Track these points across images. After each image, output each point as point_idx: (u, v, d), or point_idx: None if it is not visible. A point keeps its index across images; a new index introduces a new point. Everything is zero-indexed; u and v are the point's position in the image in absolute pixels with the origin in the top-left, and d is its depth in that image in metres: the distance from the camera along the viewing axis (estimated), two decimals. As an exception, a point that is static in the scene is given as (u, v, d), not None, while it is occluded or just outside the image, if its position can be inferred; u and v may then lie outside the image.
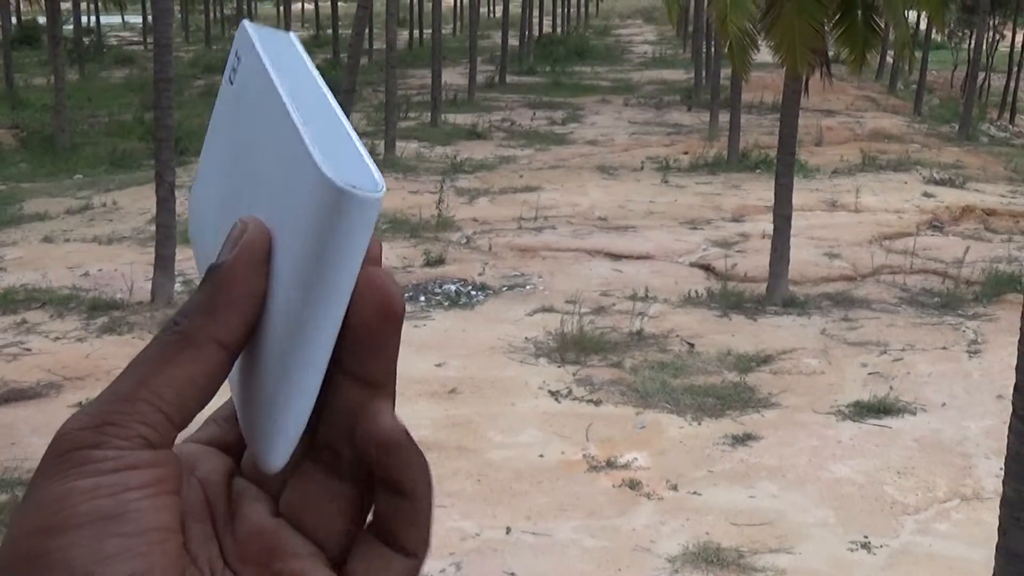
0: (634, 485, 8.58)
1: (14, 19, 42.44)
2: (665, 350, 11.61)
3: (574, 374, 10.90)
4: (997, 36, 36.97)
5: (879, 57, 33.76)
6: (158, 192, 12.94)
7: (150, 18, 30.86)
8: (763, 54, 15.47)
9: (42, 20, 38.32)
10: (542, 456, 9.08)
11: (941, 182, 20.26)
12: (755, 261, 14.37)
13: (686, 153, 22.83)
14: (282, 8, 56.69)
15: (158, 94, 13.06)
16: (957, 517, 8.24)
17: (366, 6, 18.80)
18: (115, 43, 50.64)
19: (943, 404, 10.25)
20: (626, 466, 8.92)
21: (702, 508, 8.27)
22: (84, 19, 46.45)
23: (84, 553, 0.44)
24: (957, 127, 27.82)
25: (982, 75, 32.07)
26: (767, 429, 9.66)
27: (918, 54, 25.01)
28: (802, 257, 14.17)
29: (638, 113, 29.90)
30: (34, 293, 13.13)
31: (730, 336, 12.01)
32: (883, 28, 15.27)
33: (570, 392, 10.45)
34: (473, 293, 13.27)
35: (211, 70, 36.60)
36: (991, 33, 35.01)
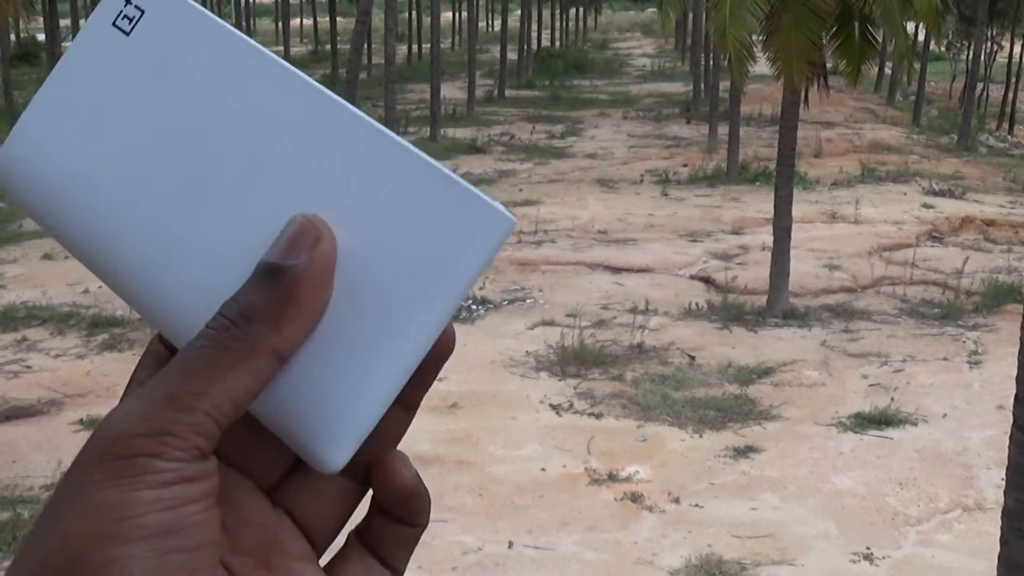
0: (636, 498, 8.57)
1: (13, 36, 42.51)
2: (666, 363, 11.61)
3: (575, 387, 10.89)
4: (995, 47, 37.03)
5: (878, 68, 33.85)
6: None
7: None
8: (761, 66, 15.51)
9: (41, 37, 38.41)
10: (543, 470, 9.08)
11: (940, 193, 20.28)
12: (755, 273, 14.38)
13: (685, 166, 22.84)
14: (280, 23, 56.79)
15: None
16: (959, 528, 8.23)
17: (364, 21, 18.85)
18: (114, 60, 50.73)
19: (944, 415, 10.24)
20: (628, 479, 8.91)
21: (704, 521, 8.26)
22: (83, 36, 46.48)
23: (146, 567, 0.44)
24: (956, 138, 27.83)
25: (980, 86, 32.16)
26: (768, 441, 9.66)
27: (917, 65, 25.04)
28: (802, 269, 14.18)
29: (637, 126, 29.90)
30: (34, 310, 13.13)
31: (731, 348, 12.01)
32: (880, 40, 15.29)
33: (571, 405, 10.45)
34: (474, 307, 13.26)
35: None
36: (989, 44, 35.07)
